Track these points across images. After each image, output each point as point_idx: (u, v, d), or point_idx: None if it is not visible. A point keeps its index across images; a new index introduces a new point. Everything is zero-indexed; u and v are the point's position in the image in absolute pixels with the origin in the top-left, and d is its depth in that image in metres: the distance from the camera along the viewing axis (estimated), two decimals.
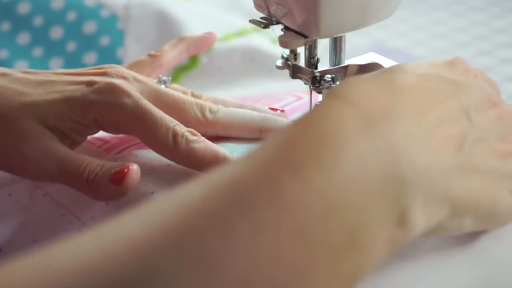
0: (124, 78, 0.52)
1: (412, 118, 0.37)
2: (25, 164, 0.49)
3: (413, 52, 0.97)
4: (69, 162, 0.48)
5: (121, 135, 0.57)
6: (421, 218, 0.36)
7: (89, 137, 0.56)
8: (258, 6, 0.52)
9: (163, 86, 0.55)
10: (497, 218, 0.41)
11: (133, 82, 0.52)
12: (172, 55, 0.61)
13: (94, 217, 0.50)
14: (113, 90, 0.50)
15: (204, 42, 0.63)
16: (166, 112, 0.51)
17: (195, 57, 0.75)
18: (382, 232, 0.34)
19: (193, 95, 0.57)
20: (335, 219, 0.32)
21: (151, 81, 0.54)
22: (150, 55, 0.59)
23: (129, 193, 0.49)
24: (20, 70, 0.53)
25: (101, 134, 0.58)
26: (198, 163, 0.50)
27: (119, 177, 0.47)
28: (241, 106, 0.57)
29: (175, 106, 0.53)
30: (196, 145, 0.49)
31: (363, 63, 0.54)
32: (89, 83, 0.51)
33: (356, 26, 0.50)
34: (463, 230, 0.40)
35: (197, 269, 0.29)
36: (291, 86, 0.71)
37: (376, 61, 0.55)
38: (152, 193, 0.49)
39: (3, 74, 0.52)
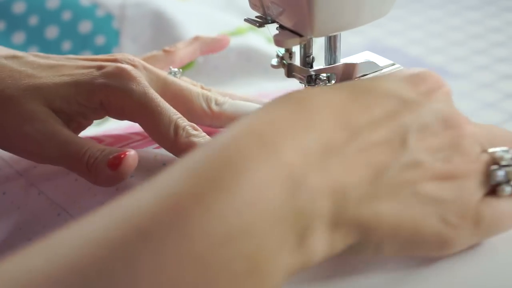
0: (133, 65, 0.52)
1: (322, 142, 0.36)
2: (28, 145, 0.49)
3: (408, 51, 0.97)
4: (71, 146, 0.49)
5: (115, 134, 0.57)
6: (323, 243, 0.35)
7: (83, 136, 0.56)
8: (253, 5, 0.52)
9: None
10: (423, 244, 0.39)
11: (142, 70, 0.53)
12: (185, 52, 0.61)
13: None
14: (121, 75, 0.50)
15: (218, 44, 0.64)
16: (172, 102, 0.52)
17: None
18: (283, 257, 0.33)
19: (202, 88, 0.57)
20: (235, 245, 0.31)
21: (160, 71, 0.54)
22: (164, 50, 0.60)
23: (124, 193, 0.48)
24: (32, 53, 0.54)
25: (95, 132, 0.58)
26: None
27: (116, 163, 0.47)
28: (248, 101, 0.58)
29: (181, 96, 0.54)
30: (196, 139, 0.50)
31: (358, 61, 0.54)
32: (99, 68, 0.52)
33: (351, 25, 0.50)
34: (384, 254, 0.39)
35: None
36: (287, 86, 0.71)
37: (371, 60, 0.55)
38: None
39: (15, 57, 0.53)
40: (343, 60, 0.54)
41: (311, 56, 0.52)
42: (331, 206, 0.35)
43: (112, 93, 0.50)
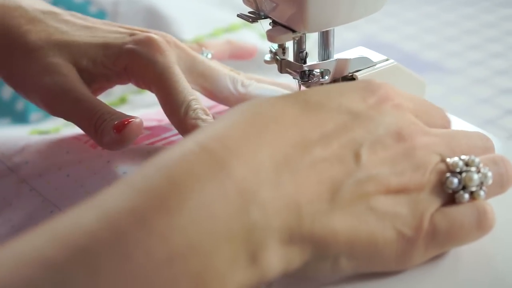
0: (166, 40, 0.53)
1: (274, 158, 0.35)
2: (43, 95, 0.51)
3: (403, 47, 0.97)
4: (84, 104, 0.50)
5: None
6: (278, 259, 0.35)
7: (75, 133, 0.56)
8: (246, 1, 0.51)
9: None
10: (380, 258, 0.39)
11: (173, 47, 0.53)
12: (217, 50, 0.62)
13: None
14: (150, 44, 0.52)
15: (247, 52, 0.66)
16: (199, 80, 0.54)
17: None
18: (233, 275, 0.33)
19: (231, 71, 0.58)
20: (179, 264, 0.31)
21: (191, 50, 0.55)
22: (197, 43, 0.61)
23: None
24: (69, 12, 0.55)
25: None
26: None
27: (120, 127, 0.48)
28: (274, 85, 0.58)
29: (208, 75, 0.55)
30: (202, 123, 0.50)
31: (351, 57, 0.54)
32: (131, 34, 0.53)
33: (344, 20, 0.50)
34: (341, 271, 0.38)
35: None
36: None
37: (365, 55, 0.55)
38: None
39: (53, 13, 0.54)
40: (336, 56, 0.54)
41: (305, 51, 0.52)
42: (284, 222, 0.34)
43: (137, 60, 0.51)
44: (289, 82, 0.58)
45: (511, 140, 0.75)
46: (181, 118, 0.50)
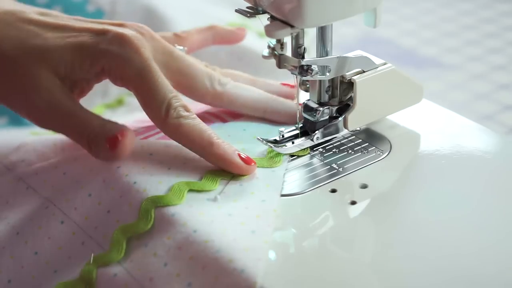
0: (141, 33, 0.52)
1: None
2: (32, 113, 0.51)
3: (401, 42, 0.97)
4: (74, 119, 0.50)
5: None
6: None
7: None
8: None
9: None
10: None
11: (149, 40, 0.53)
12: (196, 39, 0.61)
13: (77, 209, 0.50)
14: (123, 42, 0.51)
15: (232, 36, 0.64)
16: (175, 76, 0.53)
17: None
18: None
19: (206, 66, 0.57)
20: None
21: (167, 43, 0.54)
22: (174, 34, 0.60)
23: (111, 185, 0.49)
24: (36, 10, 0.54)
25: None
26: (183, 138, 0.51)
27: (114, 143, 0.49)
28: (253, 82, 0.58)
29: (186, 71, 0.55)
30: (184, 121, 0.50)
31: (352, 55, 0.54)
32: (104, 32, 0.51)
33: (342, 15, 0.50)
34: None
35: None
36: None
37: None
38: (135, 182, 0.49)
39: (19, 12, 0.52)
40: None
41: (303, 47, 0.52)
42: None
43: (113, 60, 0.50)
44: (288, 80, 0.58)
45: (510, 135, 0.75)
46: (162, 119, 0.50)
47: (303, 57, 0.52)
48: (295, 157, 0.54)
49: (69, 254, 0.48)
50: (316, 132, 0.54)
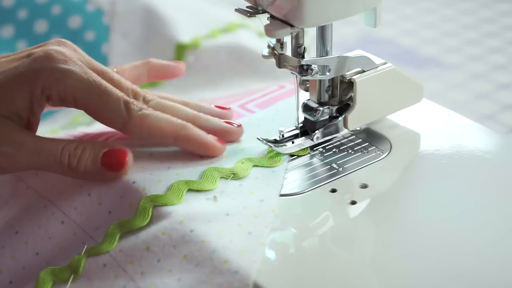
0: (64, 44, 0.51)
1: None
2: (1, 162, 0.48)
3: (401, 42, 0.97)
4: (43, 149, 0.48)
5: (78, 133, 0.57)
6: None
7: (70, 134, 0.56)
8: None
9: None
10: None
11: (72, 51, 0.51)
12: (130, 74, 0.58)
13: (77, 208, 0.50)
14: (53, 57, 0.49)
15: (170, 71, 0.61)
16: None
17: (180, 56, 0.75)
18: None
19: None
20: None
21: (90, 57, 0.53)
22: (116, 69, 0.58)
23: (110, 184, 0.49)
24: None
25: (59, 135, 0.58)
26: (152, 129, 0.50)
27: (115, 161, 0.48)
28: (186, 104, 0.55)
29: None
30: (149, 112, 0.50)
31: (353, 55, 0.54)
32: (28, 55, 0.50)
33: (342, 15, 0.50)
34: None
35: None
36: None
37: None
38: (134, 182, 0.49)
39: None
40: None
41: (303, 46, 0.52)
42: None
43: (51, 75, 0.48)
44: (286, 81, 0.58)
45: (510, 135, 0.75)
46: (125, 117, 0.49)
47: (303, 57, 0.52)
48: (295, 157, 0.54)
49: (70, 255, 0.48)
50: (316, 132, 0.54)
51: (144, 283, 0.44)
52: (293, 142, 0.54)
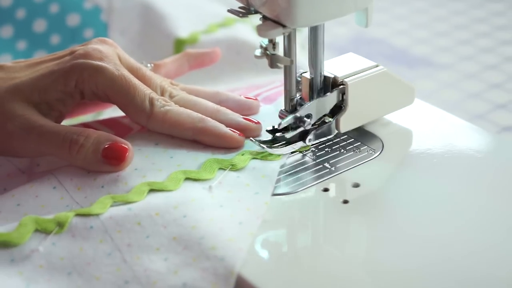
0: (104, 42, 0.55)
1: None
2: (11, 142, 0.52)
3: (393, 42, 0.97)
4: (48, 134, 0.51)
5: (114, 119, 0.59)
6: None
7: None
8: None
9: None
10: None
11: (111, 47, 0.55)
12: (172, 67, 0.63)
13: (72, 180, 0.51)
14: (92, 54, 0.53)
15: (207, 58, 0.66)
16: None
17: (180, 51, 0.75)
18: None
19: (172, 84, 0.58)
20: None
21: (128, 56, 0.56)
22: (153, 63, 0.62)
23: None
24: (13, 61, 0.56)
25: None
26: (172, 123, 0.52)
27: (115, 156, 0.50)
28: (215, 94, 0.58)
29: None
30: (171, 107, 0.53)
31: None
32: (71, 53, 0.54)
33: (334, 15, 0.50)
34: None
35: None
36: (275, 79, 0.71)
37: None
38: (136, 169, 0.51)
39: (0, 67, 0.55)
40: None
41: (295, 98, 0.53)
42: None
43: (85, 70, 0.52)
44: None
45: (501, 134, 0.75)
46: (149, 112, 0.52)
47: (295, 108, 0.53)
48: (296, 152, 0.54)
49: (52, 212, 0.48)
50: (309, 134, 0.54)
51: (130, 256, 0.44)
52: (287, 144, 0.54)
